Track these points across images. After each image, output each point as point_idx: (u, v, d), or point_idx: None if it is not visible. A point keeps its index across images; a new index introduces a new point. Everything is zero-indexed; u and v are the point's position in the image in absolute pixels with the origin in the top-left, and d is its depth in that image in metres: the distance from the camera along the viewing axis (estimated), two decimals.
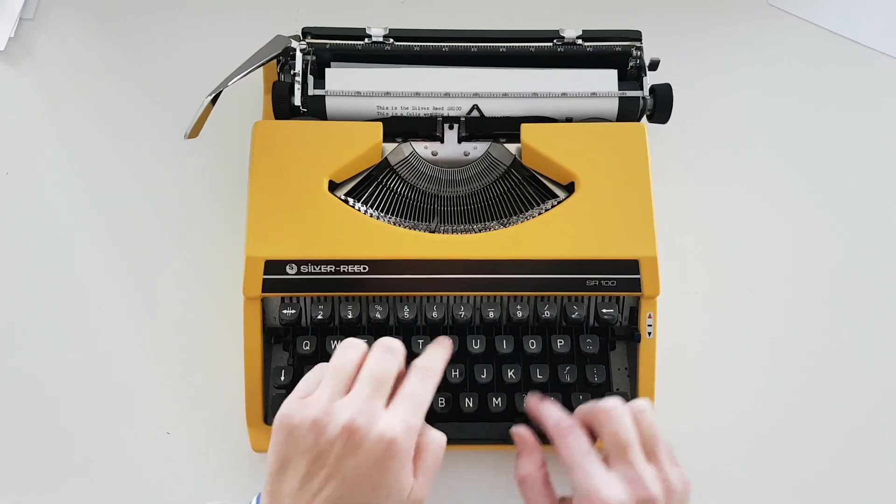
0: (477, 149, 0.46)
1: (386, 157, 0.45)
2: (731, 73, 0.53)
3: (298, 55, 0.45)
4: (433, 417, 0.40)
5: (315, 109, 0.45)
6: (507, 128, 0.46)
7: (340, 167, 0.43)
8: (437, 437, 0.33)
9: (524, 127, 0.44)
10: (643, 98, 0.46)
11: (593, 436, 0.35)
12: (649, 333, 0.42)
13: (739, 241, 0.49)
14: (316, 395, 0.31)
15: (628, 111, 0.46)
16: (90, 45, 0.53)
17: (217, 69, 0.51)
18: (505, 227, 0.43)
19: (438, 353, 0.36)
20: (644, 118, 0.47)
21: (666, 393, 0.42)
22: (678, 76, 0.47)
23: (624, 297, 0.42)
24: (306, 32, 0.47)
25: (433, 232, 0.42)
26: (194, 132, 0.41)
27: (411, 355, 0.41)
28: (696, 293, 0.47)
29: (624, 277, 0.41)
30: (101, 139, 0.51)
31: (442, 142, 0.46)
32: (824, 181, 0.51)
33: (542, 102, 0.45)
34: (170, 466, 0.43)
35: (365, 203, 0.44)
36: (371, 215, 0.43)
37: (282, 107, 0.45)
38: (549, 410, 0.37)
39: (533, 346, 0.41)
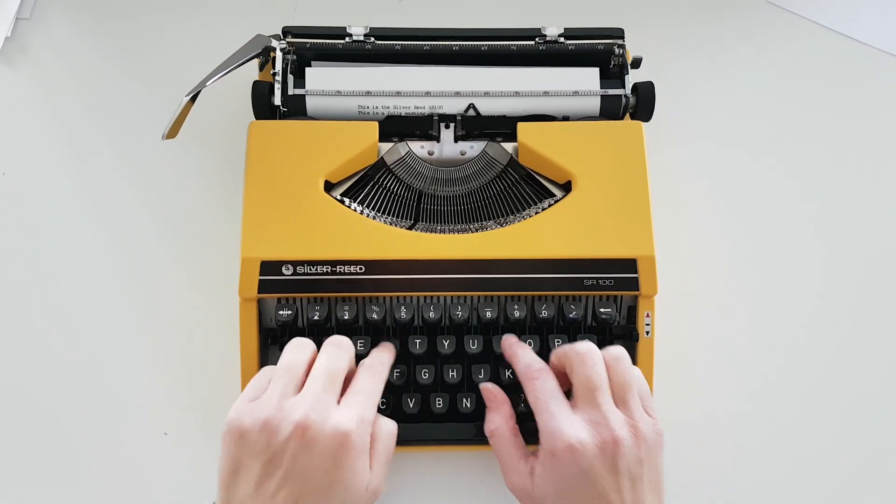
0: (473, 148, 0.46)
1: (382, 157, 0.45)
2: (730, 71, 0.52)
3: (278, 55, 0.45)
4: (430, 418, 0.40)
5: (295, 109, 0.45)
6: (503, 127, 0.45)
7: (336, 167, 0.43)
8: (389, 426, 0.33)
9: (521, 126, 0.44)
10: (625, 96, 0.46)
11: (566, 382, 0.35)
12: (647, 332, 0.42)
13: (737, 239, 0.49)
14: (266, 395, 0.31)
15: (610, 109, 0.46)
16: (87, 45, 0.53)
17: (213, 66, 0.52)
18: (502, 226, 0.42)
19: (384, 352, 0.37)
20: (627, 116, 0.47)
21: (664, 392, 0.42)
22: (677, 73, 0.47)
23: (622, 297, 0.42)
24: (287, 31, 0.46)
25: (429, 232, 0.42)
26: (172, 132, 0.40)
27: (409, 356, 0.41)
28: (694, 292, 0.47)
29: (621, 276, 0.41)
30: (98, 139, 0.51)
31: (438, 141, 0.46)
32: (823, 179, 0.51)
33: (524, 101, 0.45)
34: (166, 467, 0.43)
35: (361, 203, 0.43)
36: (367, 215, 0.42)
37: (261, 106, 0.45)
38: (521, 352, 0.36)
39: (531, 345, 0.40)
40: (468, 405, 0.40)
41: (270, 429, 0.29)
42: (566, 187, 0.43)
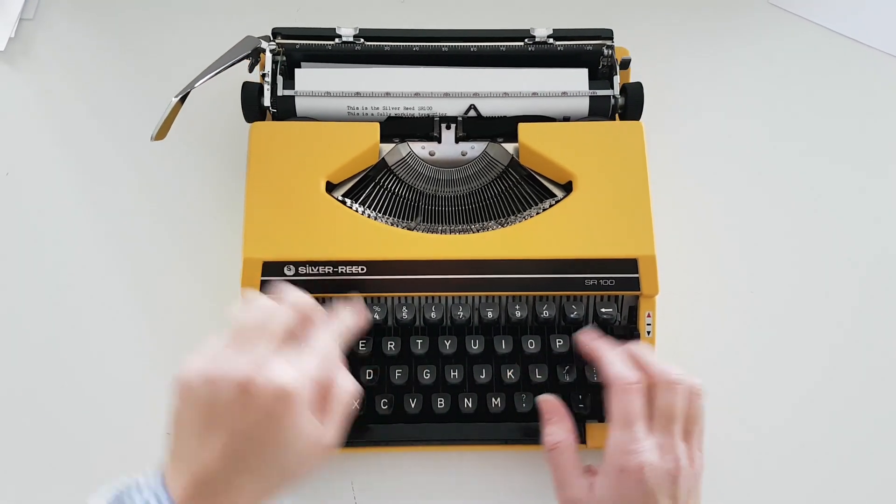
0: (474, 148, 0.46)
1: (383, 158, 0.45)
2: (730, 71, 0.52)
3: (268, 56, 0.45)
4: (431, 418, 0.40)
5: (284, 110, 0.45)
6: (504, 127, 0.45)
7: (338, 168, 0.43)
8: (347, 384, 0.32)
9: (521, 126, 0.44)
10: (613, 97, 0.46)
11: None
12: (648, 332, 0.41)
13: (739, 239, 0.49)
14: (213, 349, 0.30)
15: (599, 110, 0.46)
16: (90, 46, 0.53)
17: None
18: (503, 226, 0.42)
19: (348, 311, 0.35)
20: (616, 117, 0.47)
21: None
22: (678, 73, 0.47)
23: (623, 297, 0.42)
24: (276, 33, 0.46)
25: (431, 232, 0.42)
26: (161, 133, 0.40)
27: (410, 356, 0.41)
28: (695, 292, 0.47)
29: (622, 276, 0.41)
30: (100, 139, 0.50)
31: (439, 142, 0.46)
32: (824, 179, 0.51)
33: (514, 102, 0.45)
34: None
35: (362, 204, 0.43)
36: (369, 216, 0.42)
37: (251, 108, 0.45)
38: (611, 357, 0.36)
39: (532, 346, 0.40)
40: (469, 405, 0.40)
41: (211, 382, 0.29)
42: (567, 188, 0.43)
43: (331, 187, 0.43)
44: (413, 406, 0.40)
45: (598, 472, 0.34)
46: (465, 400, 0.40)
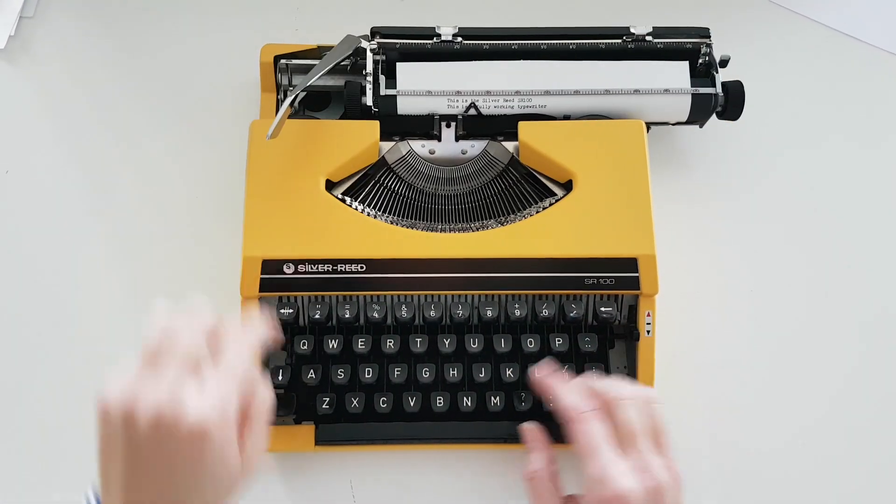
0: (474, 147, 0.45)
1: (383, 156, 0.44)
2: (731, 69, 0.52)
3: (368, 55, 0.44)
4: (430, 416, 0.40)
5: (386, 109, 0.44)
6: (504, 126, 0.45)
7: (337, 166, 0.42)
8: (264, 395, 0.31)
9: (522, 125, 0.43)
10: (716, 95, 0.45)
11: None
12: (648, 332, 0.41)
13: (739, 239, 0.48)
14: (125, 371, 0.29)
15: (701, 108, 0.45)
16: (90, 43, 0.52)
17: (217, 67, 0.52)
18: (503, 225, 0.42)
19: (258, 322, 0.33)
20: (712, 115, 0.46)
21: (665, 392, 0.42)
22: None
23: (622, 296, 0.42)
24: (375, 32, 0.45)
25: (430, 231, 0.41)
26: (276, 132, 0.40)
27: (410, 355, 0.40)
28: (695, 292, 0.46)
29: (622, 275, 0.40)
30: (101, 137, 0.50)
31: (439, 140, 0.45)
32: (825, 179, 0.50)
33: (613, 99, 0.44)
34: None
35: (362, 202, 0.43)
36: (368, 214, 0.42)
37: (353, 108, 0.44)
38: (561, 391, 0.35)
39: (531, 344, 0.40)
40: (469, 404, 0.40)
41: (127, 416, 0.28)
42: (567, 186, 0.43)
43: (330, 185, 0.42)
44: (412, 404, 0.40)
45: None
46: (465, 399, 0.40)
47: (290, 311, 0.40)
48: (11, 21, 0.53)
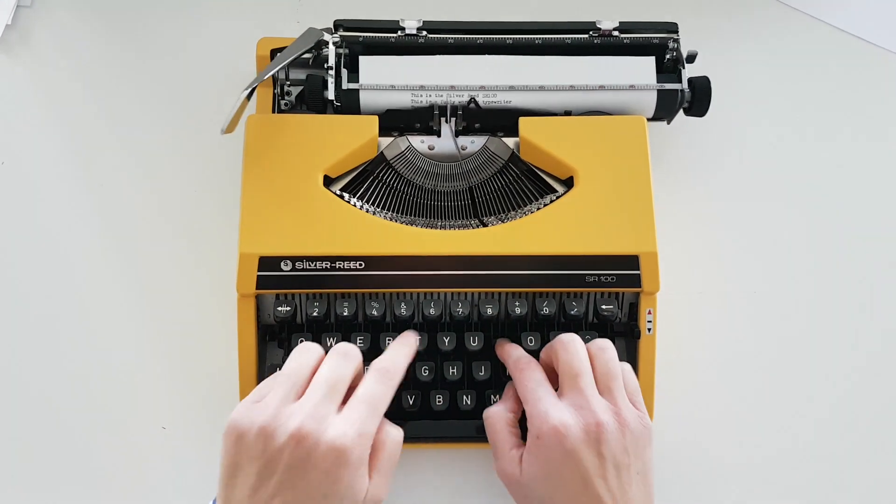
0: (474, 143, 0.44)
1: (382, 152, 0.42)
2: (736, 69, 0.50)
3: (331, 48, 0.43)
4: (429, 415, 0.38)
5: (348, 103, 0.42)
6: (505, 121, 0.43)
7: (335, 162, 0.41)
8: (395, 435, 0.31)
9: (522, 121, 0.42)
10: (682, 91, 0.43)
11: (554, 376, 0.34)
12: (649, 330, 0.40)
13: (742, 237, 0.47)
14: (266, 399, 0.30)
15: (667, 104, 0.43)
16: (88, 34, 0.51)
17: (217, 59, 0.50)
18: (503, 222, 0.40)
19: (401, 351, 0.34)
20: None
21: (666, 390, 0.40)
22: (686, 72, 0.45)
23: (623, 293, 0.40)
24: (338, 25, 0.44)
25: (430, 228, 0.40)
26: (231, 127, 0.39)
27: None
28: (697, 290, 0.45)
29: (623, 273, 0.39)
30: (98, 129, 0.48)
31: (438, 136, 0.44)
32: (829, 178, 0.49)
33: (577, 95, 0.43)
34: (164, 461, 0.41)
35: (361, 198, 0.41)
36: (367, 211, 0.40)
37: (315, 101, 0.42)
38: (510, 349, 0.37)
39: (532, 343, 0.38)
40: (468, 402, 0.38)
41: (266, 435, 0.28)
42: (568, 183, 0.41)
43: (328, 181, 0.41)
44: (411, 403, 0.38)
45: (524, 449, 0.32)
46: (464, 397, 0.38)
47: (288, 308, 0.39)
48: (9, 10, 0.51)
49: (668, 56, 0.44)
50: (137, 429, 0.42)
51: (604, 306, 0.39)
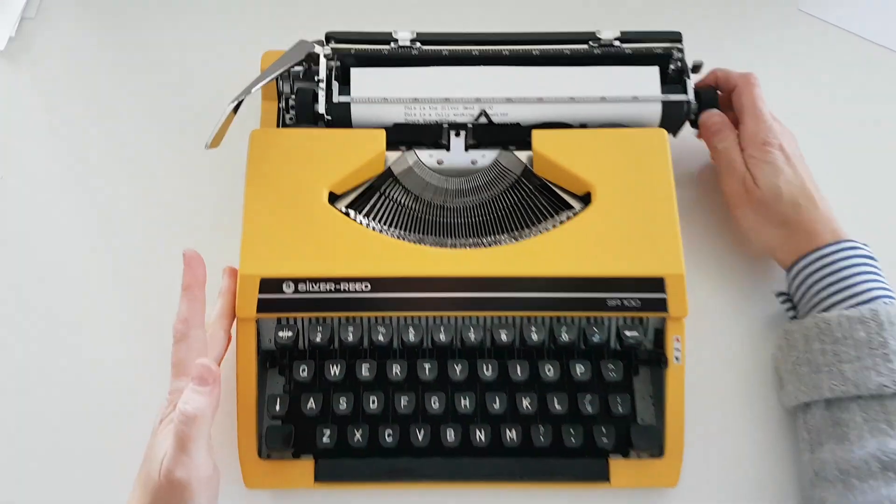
0: (485, 157, 0.41)
1: (389, 167, 0.40)
2: (762, 81, 0.48)
3: (322, 61, 0.41)
4: (440, 451, 0.35)
5: (339, 117, 0.40)
6: (517, 134, 0.41)
7: (341, 178, 0.38)
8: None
9: (535, 133, 0.39)
10: (688, 102, 0.41)
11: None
12: (677, 359, 0.36)
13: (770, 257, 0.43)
14: None
15: (673, 116, 0.41)
16: (92, 45, 0.50)
17: (221, 71, 0.48)
18: (517, 240, 0.37)
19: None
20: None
21: (696, 424, 0.37)
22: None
23: (648, 319, 0.37)
24: (330, 37, 0.42)
25: (440, 246, 0.37)
26: (216, 142, 0.37)
27: (417, 383, 0.36)
28: (726, 313, 0.41)
29: (648, 296, 0.36)
30: (101, 141, 0.47)
31: (448, 150, 0.41)
32: (854, 188, 0.45)
33: (579, 107, 0.40)
34: None
35: (367, 216, 0.39)
36: (374, 229, 0.38)
37: (305, 114, 0.40)
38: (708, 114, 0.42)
39: (550, 372, 0.35)
40: (482, 439, 0.35)
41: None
42: (585, 199, 0.38)
43: (333, 198, 0.38)
44: (420, 438, 0.35)
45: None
46: (477, 432, 0.35)
47: (290, 333, 0.36)
48: (13, 22, 0.51)
49: (672, 66, 0.42)
50: (136, 446, 0.39)
51: (627, 332, 0.36)
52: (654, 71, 0.41)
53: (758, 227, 0.39)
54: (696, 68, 0.42)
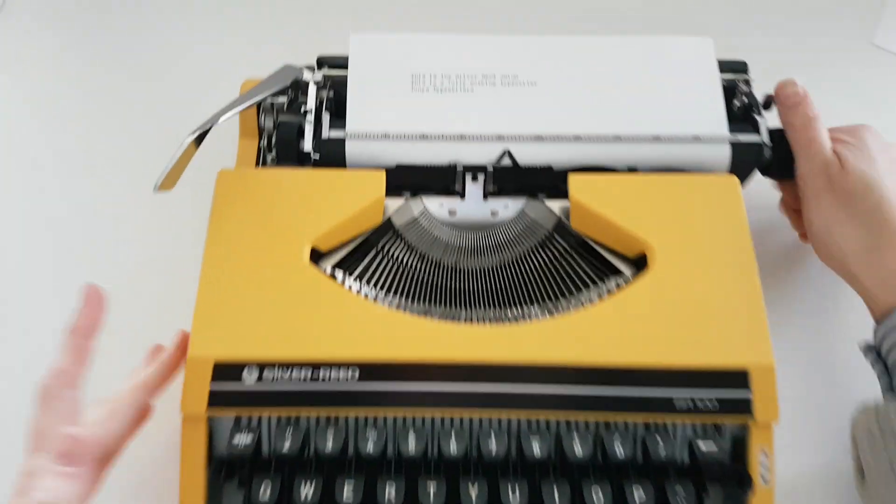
0: (508, 207, 0.33)
1: (389, 218, 0.32)
2: (831, 116, 0.41)
3: (312, 88, 0.34)
4: None
5: (330, 157, 0.33)
6: (548, 179, 0.33)
7: (328, 230, 0.31)
8: None
9: (573, 178, 0.32)
10: (762, 145, 0.33)
11: None
12: (764, 478, 0.27)
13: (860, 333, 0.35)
14: None
15: (744, 161, 0.33)
16: (57, 42, 0.47)
17: (203, 63, 0.44)
18: (551, 314, 0.29)
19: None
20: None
21: None
22: (775, 120, 0.35)
23: (725, 426, 0.28)
24: (322, 62, 0.35)
25: (451, 320, 0.29)
26: (168, 183, 0.29)
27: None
28: (821, 418, 0.32)
29: (728, 396, 0.27)
30: (64, 169, 0.42)
31: (462, 197, 0.33)
32: None
33: (623, 148, 0.33)
34: None
35: (359, 279, 0.31)
36: (366, 296, 0.30)
37: (287, 153, 0.33)
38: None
39: (598, 498, 0.26)
40: None
41: None
42: (638, 263, 0.31)
43: (317, 256, 0.31)
44: None
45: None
46: None
47: (249, 438, 0.27)
48: None
49: (737, 101, 0.35)
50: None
51: (703, 445, 0.27)
52: (718, 105, 0.34)
53: (835, 225, 0.32)
54: (768, 104, 0.35)
